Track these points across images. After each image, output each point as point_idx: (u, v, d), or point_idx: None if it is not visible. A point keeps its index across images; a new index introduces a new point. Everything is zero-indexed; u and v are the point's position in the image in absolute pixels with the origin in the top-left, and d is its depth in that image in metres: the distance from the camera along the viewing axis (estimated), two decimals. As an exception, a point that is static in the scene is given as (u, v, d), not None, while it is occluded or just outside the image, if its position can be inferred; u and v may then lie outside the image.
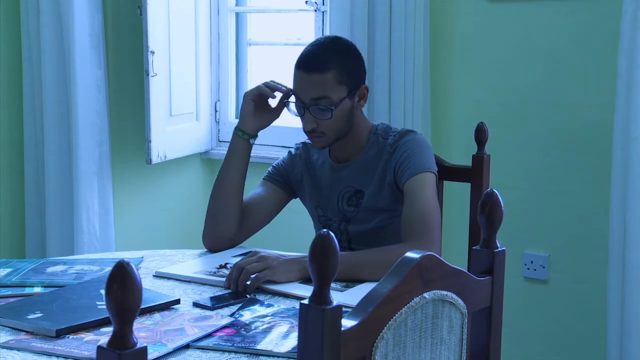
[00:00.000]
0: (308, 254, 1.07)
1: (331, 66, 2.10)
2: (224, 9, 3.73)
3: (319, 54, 2.13)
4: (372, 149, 2.21)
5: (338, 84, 2.11)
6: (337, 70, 2.10)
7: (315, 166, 2.29)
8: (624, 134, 2.68)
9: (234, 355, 1.50)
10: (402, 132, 2.20)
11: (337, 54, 2.14)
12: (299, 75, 2.14)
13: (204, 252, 2.24)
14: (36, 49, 3.33)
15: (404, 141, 2.16)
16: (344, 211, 2.22)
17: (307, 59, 2.13)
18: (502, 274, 1.43)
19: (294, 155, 2.34)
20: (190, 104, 3.61)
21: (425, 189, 2.10)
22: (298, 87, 2.15)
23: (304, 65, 2.13)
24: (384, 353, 1.19)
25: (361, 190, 2.20)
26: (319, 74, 2.10)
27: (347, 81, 2.12)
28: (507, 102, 3.08)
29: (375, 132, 2.23)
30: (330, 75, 2.10)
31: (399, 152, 2.15)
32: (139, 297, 0.97)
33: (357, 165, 2.21)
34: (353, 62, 2.17)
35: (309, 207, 2.32)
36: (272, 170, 2.34)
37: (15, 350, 1.52)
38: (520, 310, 3.05)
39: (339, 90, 2.11)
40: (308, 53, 2.15)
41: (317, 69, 2.10)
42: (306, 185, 2.30)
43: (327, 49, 2.15)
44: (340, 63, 2.12)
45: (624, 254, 2.69)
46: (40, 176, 3.40)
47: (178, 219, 3.70)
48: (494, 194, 1.38)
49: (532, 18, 3.02)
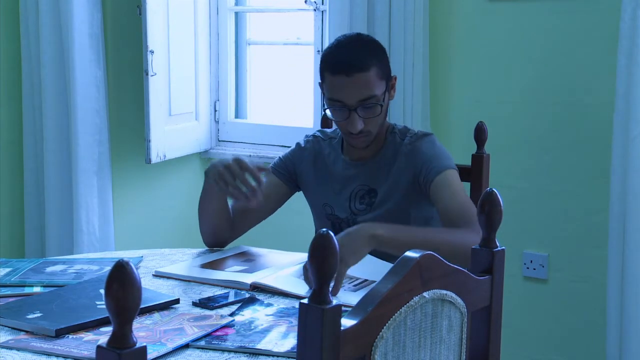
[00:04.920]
0: (307, 253, 1.07)
1: (371, 63, 2.07)
2: (224, 8, 3.73)
3: (355, 55, 2.07)
4: (389, 149, 2.19)
5: (380, 79, 2.09)
6: (376, 66, 2.08)
7: (327, 161, 2.26)
8: (623, 133, 2.68)
9: (234, 355, 1.50)
10: (420, 134, 2.19)
11: (371, 50, 2.11)
12: (339, 80, 2.07)
13: (204, 251, 2.24)
14: (35, 49, 3.33)
15: (421, 144, 2.15)
16: (355, 209, 2.20)
17: (345, 62, 2.06)
18: (501, 273, 1.44)
19: (303, 149, 2.30)
20: (190, 103, 3.61)
21: (453, 184, 2.10)
22: (340, 92, 2.07)
23: (343, 69, 2.05)
24: (384, 352, 1.19)
25: (374, 189, 2.19)
26: (362, 74, 2.05)
27: (385, 75, 2.11)
28: (506, 102, 3.08)
29: (393, 131, 2.21)
30: (373, 72, 2.07)
31: (417, 156, 2.13)
32: (138, 297, 0.97)
33: (373, 164, 2.19)
34: (384, 54, 2.15)
35: (314, 203, 2.30)
36: (279, 162, 2.31)
37: (15, 350, 1.52)
38: (519, 309, 3.05)
39: (380, 85, 2.09)
40: (342, 56, 2.08)
41: (359, 69, 2.05)
42: (313, 180, 2.27)
43: (359, 47, 2.10)
44: (377, 57, 2.10)
45: (624, 253, 2.69)
46: (40, 176, 3.40)
47: (177, 218, 3.70)
48: (493, 193, 1.38)
49: (532, 18, 3.02)
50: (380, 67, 2.10)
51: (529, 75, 3.04)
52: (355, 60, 2.06)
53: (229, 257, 2.16)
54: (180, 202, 3.71)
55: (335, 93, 2.09)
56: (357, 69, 2.05)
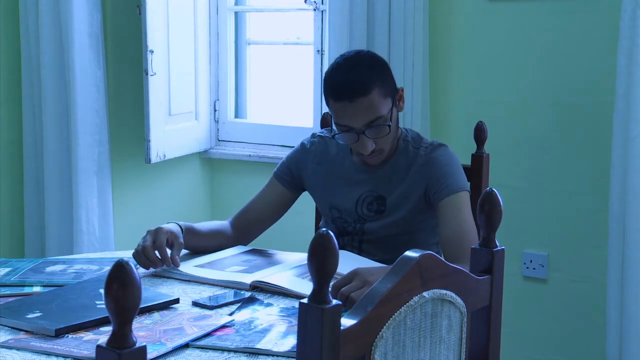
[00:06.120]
0: (307, 253, 1.07)
1: (373, 85, 2.01)
2: (223, 8, 3.73)
3: (354, 78, 2.01)
4: (401, 157, 2.16)
5: (384, 98, 2.04)
6: (378, 86, 2.02)
7: (335, 163, 2.24)
8: (623, 133, 2.68)
9: (233, 355, 1.50)
10: (435, 144, 2.16)
11: (370, 70, 2.05)
12: (342, 106, 2.03)
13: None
14: (35, 49, 3.33)
15: (437, 156, 2.12)
16: (363, 215, 2.18)
17: (345, 88, 2.01)
18: (501, 273, 1.44)
19: (308, 150, 2.27)
20: (190, 103, 3.61)
21: (463, 209, 2.07)
22: (345, 118, 2.04)
23: (346, 96, 2.01)
24: (383, 352, 1.19)
25: (383, 196, 2.16)
26: (364, 98, 2.01)
27: (389, 91, 2.07)
28: (506, 101, 3.08)
29: (405, 138, 2.18)
30: (375, 93, 2.02)
31: (432, 169, 2.11)
32: (138, 297, 0.97)
33: (383, 170, 2.16)
34: (385, 70, 2.10)
35: (320, 205, 2.29)
36: (282, 168, 2.30)
37: (15, 350, 1.52)
38: (519, 309, 3.05)
39: (386, 103, 2.05)
40: (341, 81, 2.03)
41: (360, 93, 2.00)
42: (319, 183, 2.25)
43: (359, 69, 2.04)
44: (378, 77, 2.04)
45: (624, 253, 2.70)
46: (40, 175, 3.39)
47: (177, 218, 3.66)
48: (493, 193, 1.38)
49: (532, 17, 3.02)
50: (383, 85, 2.04)
51: (529, 75, 3.04)
52: (356, 84, 2.01)
53: (228, 257, 2.15)
54: (180, 202, 3.71)
55: (341, 119, 2.05)
56: (359, 94, 2.01)
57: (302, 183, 2.29)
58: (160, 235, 2.02)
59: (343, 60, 2.09)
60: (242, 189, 3.42)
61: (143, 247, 1.99)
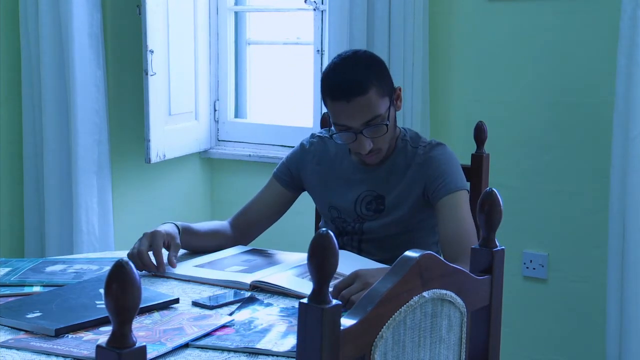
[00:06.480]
0: (307, 253, 1.07)
1: (370, 84, 2.02)
2: (223, 8, 3.73)
3: (352, 77, 2.02)
4: (399, 156, 2.16)
5: (381, 97, 2.04)
6: (375, 85, 2.03)
7: (334, 163, 2.24)
8: (623, 133, 2.68)
9: (233, 355, 1.50)
10: (433, 144, 2.16)
11: (367, 69, 2.05)
12: (339, 106, 2.03)
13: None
14: (35, 49, 3.33)
15: (435, 155, 2.13)
16: (362, 214, 2.18)
17: (342, 87, 2.01)
18: (501, 273, 1.44)
19: (307, 150, 2.28)
20: (190, 103, 3.61)
21: (461, 208, 2.07)
22: (343, 117, 2.05)
23: (341, 95, 2.01)
24: (383, 352, 1.19)
25: (382, 195, 2.16)
26: (361, 97, 2.01)
27: (386, 91, 2.07)
28: (506, 101, 3.08)
29: (404, 138, 2.18)
30: (372, 92, 2.02)
31: (431, 167, 2.11)
32: (138, 296, 0.97)
33: (381, 170, 2.17)
34: (382, 69, 2.10)
35: (320, 205, 2.29)
36: (281, 168, 2.30)
37: (15, 350, 1.52)
38: (519, 309, 3.05)
39: (383, 103, 2.05)
40: (339, 81, 2.03)
41: (357, 92, 2.01)
42: (318, 182, 2.25)
43: (356, 68, 2.05)
44: (375, 76, 2.04)
45: (623, 253, 2.70)
46: (40, 175, 3.39)
47: (177, 218, 3.65)
48: (493, 193, 1.38)
49: (532, 17, 3.02)
50: (380, 84, 2.05)
51: (529, 75, 3.04)
52: (353, 84, 2.01)
53: (228, 257, 2.15)
54: (180, 202, 3.71)
55: (339, 118, 2.06)
56: (356, 94, 2.01)
57: (302, 183, 2.29)
58: (157, 239, 2.01)
59: (340, 60, 2.09)
60: (242, 189, 3.43)
61: (138, 250, 1.99)
